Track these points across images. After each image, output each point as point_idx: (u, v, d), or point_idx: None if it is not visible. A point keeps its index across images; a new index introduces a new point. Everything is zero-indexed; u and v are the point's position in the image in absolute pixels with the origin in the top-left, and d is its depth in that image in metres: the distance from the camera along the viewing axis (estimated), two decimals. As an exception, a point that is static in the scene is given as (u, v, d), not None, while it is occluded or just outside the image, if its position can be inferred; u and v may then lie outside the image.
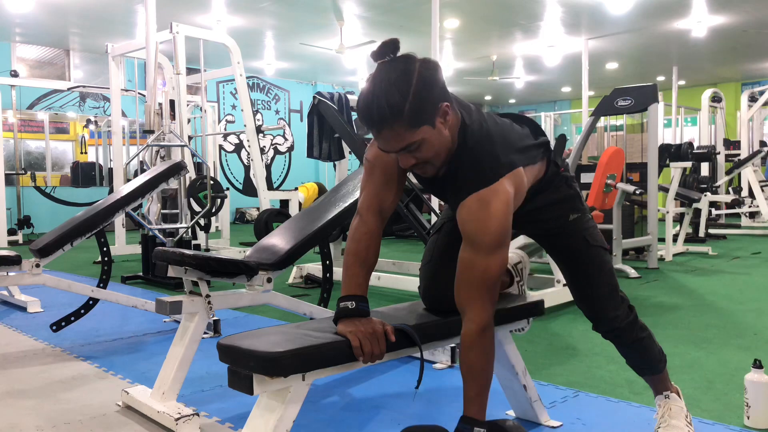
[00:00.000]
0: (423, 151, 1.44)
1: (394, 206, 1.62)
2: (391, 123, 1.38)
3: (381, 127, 1.40)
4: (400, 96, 1.36)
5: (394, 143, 1.42)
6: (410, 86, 1.37)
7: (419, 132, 1.40)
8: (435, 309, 1.75)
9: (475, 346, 1.48)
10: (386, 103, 1.36)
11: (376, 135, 1.43)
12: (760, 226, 9.00)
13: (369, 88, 1.40)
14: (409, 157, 1.45)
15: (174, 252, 2.16)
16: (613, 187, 5.07)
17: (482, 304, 1.47)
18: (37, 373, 2.65)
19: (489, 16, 8.82)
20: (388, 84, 1.38)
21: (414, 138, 1.41)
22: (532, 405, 1.98)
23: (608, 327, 1.77)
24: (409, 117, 1.37)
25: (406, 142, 1.41)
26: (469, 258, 1.47)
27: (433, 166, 1.50)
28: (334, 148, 4.70)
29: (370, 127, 1.43)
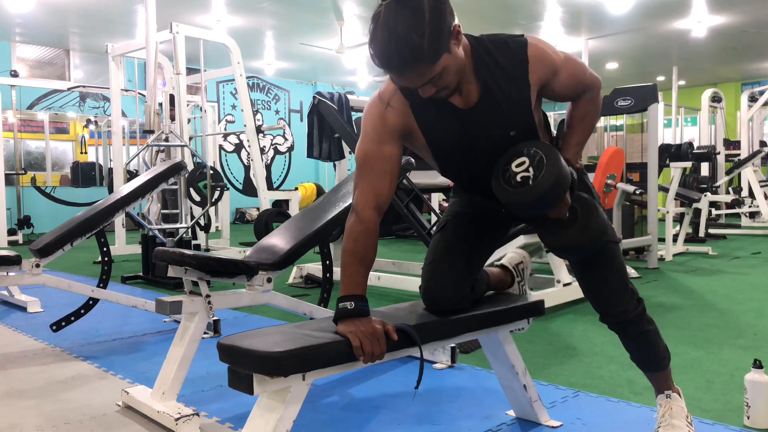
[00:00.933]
0: (444, 78, 1.45)
1: (389, 200, 1.61)
2: (413, 65, 1.39)
3: (403, 71, 1.41)
4: (418, 36, 1.36)
5: (417, 81, 1.44)
6: (425, 23, 1.36)
7: (440, 64, 1.41)
8: (435, 309, 1.75)
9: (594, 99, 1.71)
10: (406, 46, 1.36)
11: (397, 77, 1.44)
12: (760, 226, 9.00)
13: (383, 33, 1.38)
14: (430, 87, 1.46)
15: (174, 252, 2.16)
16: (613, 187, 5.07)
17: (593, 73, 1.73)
18: (37, 373, 2.65)
19: (489, 16, 8.82)
20: (402, 27, 1.36)
21: (436, 71, 1.42)
22: (532, 405, 1.98)
23: (616, 319, 1.76)
24: (429, 54, 1.38)
25: (429, 77, 1.43)
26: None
27: (449, 89, 1.50)
28: (334, 148, 4.70)
29: (390, 71, 1.43)
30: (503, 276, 2.02)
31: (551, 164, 1.53)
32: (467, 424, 2.03)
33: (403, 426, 2.02)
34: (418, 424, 2.05)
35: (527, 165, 1.55)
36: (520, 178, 1.55)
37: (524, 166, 1.55)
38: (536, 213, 1.63)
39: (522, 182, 1.55)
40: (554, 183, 1.53)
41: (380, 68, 1.43)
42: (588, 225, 1.62)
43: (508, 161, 1.58)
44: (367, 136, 1.60)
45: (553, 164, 1.53)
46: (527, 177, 1.54)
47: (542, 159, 1.54)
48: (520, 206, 1.58)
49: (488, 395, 2.29)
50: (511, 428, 1.99)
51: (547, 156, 1.54)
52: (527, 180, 1.54)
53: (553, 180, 1.52)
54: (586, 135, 1.72)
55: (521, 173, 1.55)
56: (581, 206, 1.64)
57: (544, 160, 1.53)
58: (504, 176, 1.58)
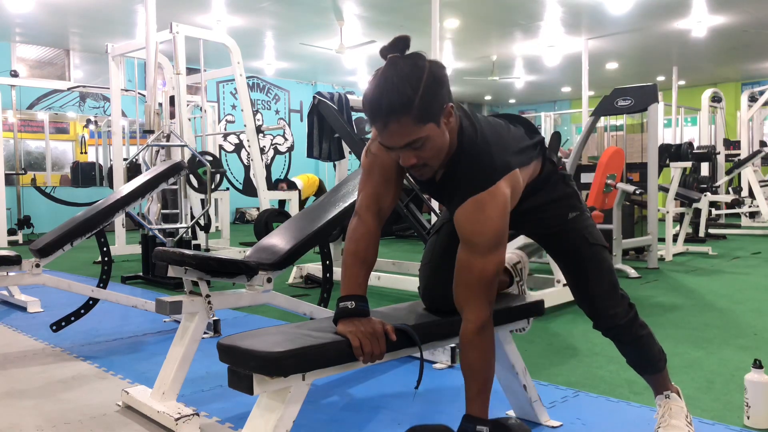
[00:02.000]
0: (425, 149, 1.43)
1: (392, 206, 1.62)
2: (399, 115, 1.37)
3: (388, 120, 1.39)
4: (411, 89, 1.36)
5: (399, 138, 1.41)
6: (421, 81, 1.37)
7: (425, 129, 1.40)
8: (435, 309, 1.75)
9: (475, 345, 1.49)
10: (397, 95, 1.36)
11: (381, 129, 1.42)
12: (760, 226, 9.00)
13: (379, 80, 1.40)
14: (411, 155, 1.44)
15: (174, 252, 2.16)
16: (613, 187, 5.07)
17: (480, 303, 1.48)
18: (37, 373, 2.65)
19: (489, 16, 8.82)
20: (399, 78, 1.37)
21: (419, 134, 1.40)
22: (532, 405, 1.98)
23: (608, 325, 1.77)
24: (417, 111, 1.37)
25: (412, 138, 1.40)
26: (466, 259, 1.48)
27: (431, 168, 1.50)
28: (334, 148, 4.70)
29: (376, 119, 1.41)
30: (502, 276, 2.02)
31: None
32: (467, 424, 2.03)
33: (403, 426, 2.02)
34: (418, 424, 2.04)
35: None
36: None
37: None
38: None
39: None
40: None
41: (368, 116, 1.43)
42: None
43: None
44: (375, 142, 1.60)
45: None
46: None
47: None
48: None
49: (488, 395, 2.29)
50: (511, 428, 1.99)
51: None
52: None
53: None
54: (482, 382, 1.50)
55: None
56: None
57: None
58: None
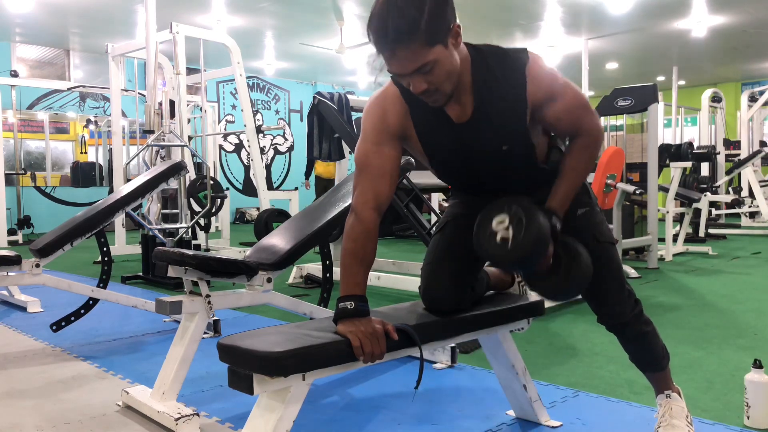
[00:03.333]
0: (436, 73, 1.42)
1: (389, 200, 1.60)
2: (407, 40, 1.36)
3: (396, 46, 1.38)
4: (417, 11, 1.35)
5: (408, 63, 1.40)
6: (425, 3, 1.36)
7: (434, 51, 1.39)
8: (435, 309, 1.75)
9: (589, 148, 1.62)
10: (403, 19, 1.35)
11: (389, 56, 1.41)
12: (760, 226, 9.00)
13: (382, 5, 1.38)
14: (422, 80, 1.43)
15: (174, 252, 2.16)
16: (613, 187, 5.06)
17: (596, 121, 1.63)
18: (37, 373, 2.65)
19: (489, 16, 8.82)
20: (403, 1, 1.36)
21: (429, 57, 1.39)
22: (532, 405, 1.98)
23: (613, 321, 1.76)
24: (425, 33, 1.36)
25: (421, 62, 1.39)
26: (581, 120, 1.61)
27: (443, 93, 1.47)
28: (334, 148, 4.70)
29: (383, 47, 1.40)
30: (503, 276, 2.02)
31: (530, 226, 1.50)
32: (467, 424, 2.03)
33: (403, 426, 2.02)
34: (418, 424, 2.05)
35: (507, 224, 1.52)
36: (500, 239, 1.52)
37: (504, 224, 1.53)
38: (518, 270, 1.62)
39: (501, 243, 1.52)
40: (533, 246, 1.50)
41: (375, 46, 1.41)
42: (570, 272, 1.60)
43: (488, 217, 1.56)
44: (367, 137, 1.59)
45: (532, 226, 1.50)
46: (506, 238, 1.52)
47: (521, 220, 1.51)
48: (500, 265, 1.57)
49: (488, 395, 2.29)
50: (511, 428, 2.00)
51: (527, 216, 1.51)
52: (506, 241, 1.51)
53: (532, 243, 1.50)
54: (575, 185, 1.64)
55: (501, 233, 1.52)
56: (565, 253, 1.61)
57: (523, 222, 1.50)
58: (485, 232, 1.56)
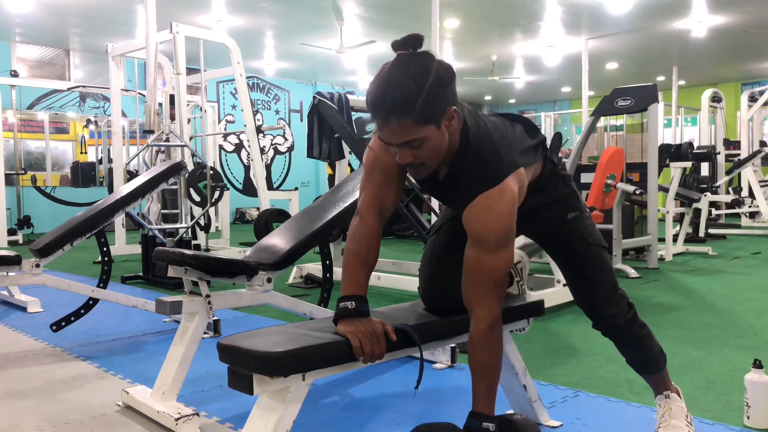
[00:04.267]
0: (423, 149, 1.44)
1: (394, 206, 1.62)
2: (400, 114, 1.38)
3: (389, 117, 1.39)
4: (416, 90, 1.36)
5: (397, 136, 1.42)
6: (426, 82, 1.37)
7: (424, 130, 1.40)
8: (435, 309, 1.75)
9: (484, 343, 1.49)
10: (400, 93, 1.36)
11: (381, 124, 1.42)
12: (760, 226, 9.00)
13: (385, 75, 1.40)
14: (408, 153, 1.45)
15: (174, 252, 2.16)
16: (613, 187, 5.07)
17: (490, 301, 1.49)
18: (37, 373, 2.65)
19: (489, 16, 8.82)
20: (405, 76, 1.37)
21: (419, 134, 1.40)
22: (532, 405, 1.98)
23: (607, 325, 1.77)
24: (419, 112, 1.37)
25: (410, 137, 1.41)
26: (475, 257, 1.49)
27: (428, 168, 1.50)
28: (334, 148, 4.70)
29: (378, 114, 1.42)
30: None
31: None
32: (467, 424, 2.03)
33: (403, 426, 2.02)
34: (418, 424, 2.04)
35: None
36: None
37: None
38: None
39: None
40: None
41: (369, 110, 1.43)
42: None
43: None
44: (376, 143, 1.60)
45: None
46: None
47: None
48: None
49: (488, 395, 2.29)
50: (511, 428, 1.99)
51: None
52: None
53: None
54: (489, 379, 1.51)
55: None
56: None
57: None
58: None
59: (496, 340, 1.50)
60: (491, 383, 1.51)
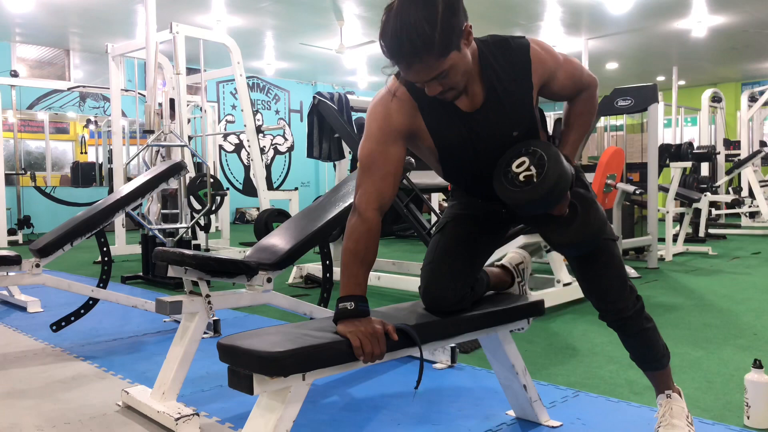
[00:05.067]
0: (451, 76, 1.45)
1: (391, 201, 1.61)
2: (422, 56, 1.38)
3: (412, 61, 1.40)
4: (429, 27, 1.36)
5: (424, 74, 1.43)
6: (437, 15, 1.37)
7: (449, 59, 1.41)
8: (435, 309, 1.75)
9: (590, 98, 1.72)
10: (417, 35, 1.36)
11: (405, 68, 1.44)
12: (760, 226, 9.00)
13: (395, 21, 1.38)
14: (437, 84, 1.46)
15: (174, 252, 2.16)
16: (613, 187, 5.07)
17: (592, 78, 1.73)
18: (37, 373, 2.65)
19: (489, 16, 8.82)
20: (415, 16, 1.36)
21: (444, 66, 1.42)
22: (532, 405, 1.98)
23: (615, 317, 1.76)
24: (439, 47, 1.38)
25: (437, 72, 1.42)
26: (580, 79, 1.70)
27: (456, 90, 1.51)
28: (334, 148, 4.70)
29: (399, 61, 1.42)
30: (503, 276, 2.02)
31: (552, 161, 1.55)
32: (467, 424, 2.03)
33: (403, 426, 2.02)
34: (418, 424, 2.05)
35: (528, 164, 1.56)
36: (523, 177, 1.56)
37: (525, 165, 1.57)
38: (541, 210, 1.64)
39: (526, 181, 1.56)
40: (558, 179, 1.54)
41: (389, 58, 1.43)
42: (588, 221, 1.65)
43: (508, 162, 1.60)
44: (372, 136, 1.59)
45: (554, 161, 1.55)
46: (530, 176, 1.55)
47: (542, 156, 1.55)
48: (526, 205, 1.59)
49: (488, 395, 2.29)
50: (511, 428, 1.99)
51: (547, 153, 1.56)
52: (531, 178, 1.55)
53: (557, 176, 1.54)
54: (582, 133, 1.74)
55: (523, 173, 1.56)
56: (580, 202, 1.67)
57: (544, 158, 1.55)
58: (506, 177, 1.59)
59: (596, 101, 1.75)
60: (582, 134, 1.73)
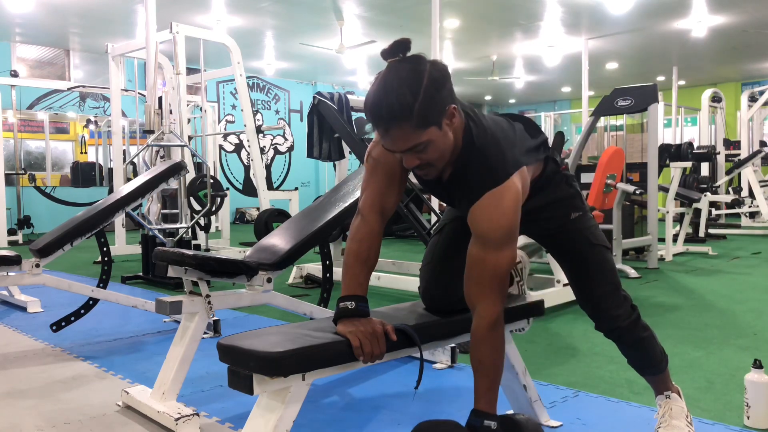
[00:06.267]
0: (429, 152, 1.44)
1: (395, 206, 1.62)
2: (400, 122, 1.38)
3: (389, 126, 1.40)
4: (411, 95, 1.36)
5: (401, 143, 1.42)
6: (420, 86, 1.37)
7: (426, 133, 1.40)
8: (435, 309, 1.75)
9: (486, 341, 1.48)
10: (397, 101, 1.36)
11: (383, 134, 1.43)
12: (760, 226, 9.00)
13: (379, 85, 1.40)
14: (414, 157, 1.45)
15: (174, 252, 2.16)
16: (613, 187, 5.07)
17: (493, 299, 1.48)
18: (37, 373, 2.65)
19: (489, 16, 8.82)
20: (399, 83, 1.37)
21: (421, 138, 1.40)
22: (532, 405, 1.98)
23: (610, 326, 1.76)
24: (418, 117, 1.37)
25: (413, 143, 1.41)
26: (479, 254, 1.48)
27: (436, 168, 1.50)
28: (334, 148, 4.70)
29: (377, 125, 1.42)
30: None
31: None
32: (467, 424, 2.03)
33: (403, 426, 2.02)
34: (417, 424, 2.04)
35: None
36: None
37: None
38: None
39: None
40: None
41: (369, 120, 1.43)
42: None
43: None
44: (379, 142, 1.60)
45: None
46: None
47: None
48: None
49: (488, 395, 2.29)
50: (511, 428, 1.99)
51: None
52: None
53: None
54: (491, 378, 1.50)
55: None
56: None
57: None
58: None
59: (498, 339, 1.50)
60: (493, 382, 1.50)
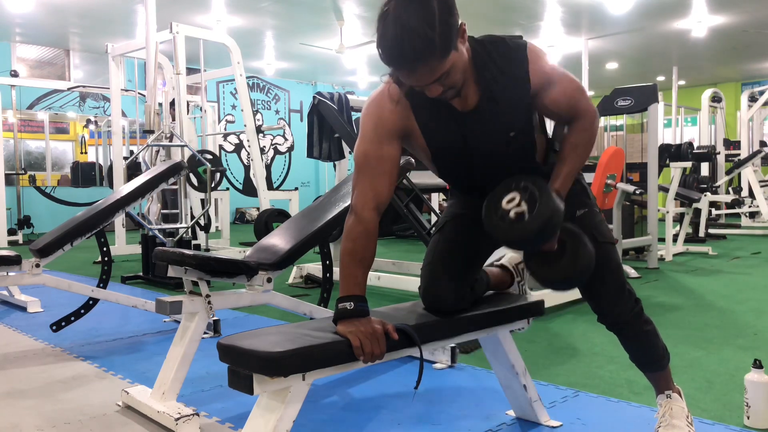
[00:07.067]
0: (452, 76, 1.45)
1: (388, 200, 1.60)
2: (426, 59, 1.38)
3: (415, 65, 1.39)
4: (430, 29, 1.35)
5: (427, 77, 1.42)
6: (435, 17, 1.36)
7: (449, 60, 1.41)
8: (435, 309, 1.75)
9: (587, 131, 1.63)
10: (419, 39, 1.35)
11: (408, 74, 1.43)
12: (760, 226, 9.00)
13: (394, 27, 1.37)
14: (438, 86, 1.45)
15: (174, 252, 2.16)
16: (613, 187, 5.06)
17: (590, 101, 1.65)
18: (37, 373, 2.65)
19: (489, 16, 8.82)
20: (414, 21, 1.35)
21: (446, 67, 1.41)
22: (532, 405, 1.98)
23: (613, 320, 1.76)
24: (441, 48, 1.37)
25: (439, 73, 1.41)
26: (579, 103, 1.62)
27: (455, 89, 1.50)
28: (334, 148, 4.70)
29: (401, 66, 1.41)
30: (503, 276, 2.02)
31: (544, 198, 1.51)
32: (467, 424, 2.03)
33: (403, 426, 2.02)
34: (418, 424, 2.05)
35: (519, 200, 1.53)
36: (514, 214, 1.52)
37: (516, 201, 1.53)
38: (531, 247, 1.60)
39: (516, 218, 1.52)
40: (549, 217, 1.51)
41: (391, 65, 1.42)
42: (577, 257, 1.60)
43: (498, 198, 1.57)
44: (366, 136, 1.59)
45: (545, 198, 1.51)
46: (521, 212, 1.52)
47: (534, 193, 1.52)
48: (517, 242, 1.57)
49: (488, 395, 2.29)
50: (511, 428, 2.00)
51: (539, 190, 1.52)
52: (522, 216, 1.51)
53: (549, 214, 1.50)
54: (576, 165, 1.64)
55: (514, 209, 1.53)
56: (569, 238, 1.62)
57: (536, 195, 1.52)
58: (497, 213, 1.56)
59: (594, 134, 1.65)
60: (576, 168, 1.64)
